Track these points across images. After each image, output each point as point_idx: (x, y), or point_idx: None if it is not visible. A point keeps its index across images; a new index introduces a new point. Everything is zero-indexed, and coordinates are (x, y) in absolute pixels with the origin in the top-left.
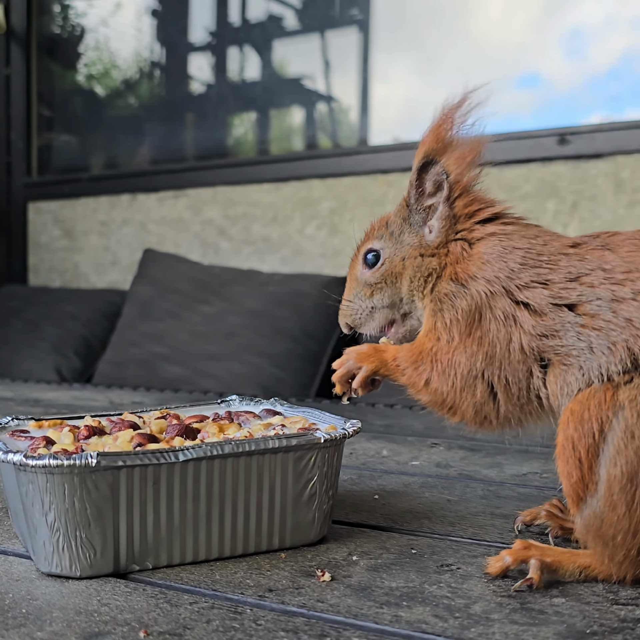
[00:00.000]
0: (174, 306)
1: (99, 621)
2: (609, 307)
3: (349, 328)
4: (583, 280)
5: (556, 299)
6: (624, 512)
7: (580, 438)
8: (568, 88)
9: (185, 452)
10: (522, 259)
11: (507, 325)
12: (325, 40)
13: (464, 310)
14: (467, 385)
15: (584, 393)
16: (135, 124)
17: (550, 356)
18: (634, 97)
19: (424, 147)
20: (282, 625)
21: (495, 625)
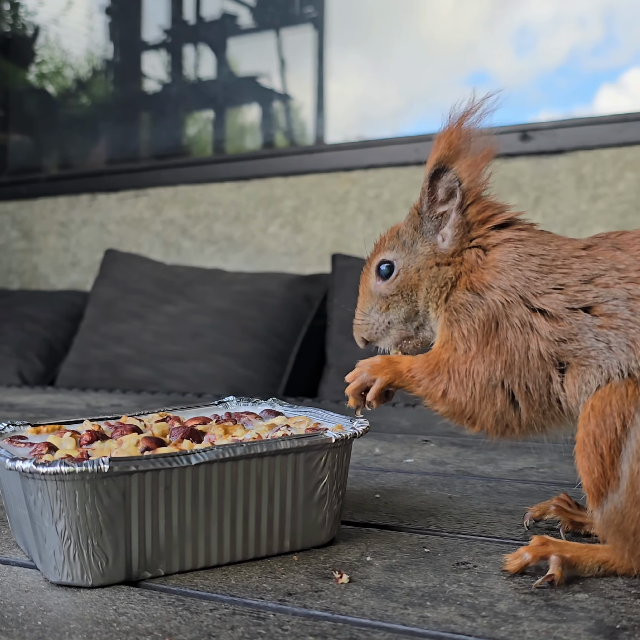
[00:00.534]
0: (137, 307)
1: (120, 631)
2: (626, 306)
3: (365, 342)
4: (597, 282)
5: (572, 302)
6: None
7: (602, 434)
8: (517, 85)
9: (197, 456)
10: (538, 266)
11: (524, 333)
12: (280, 38)
13: (481, 320)
14: (486, 395)
15: (604, 389)
16: (90, 123)
17: (569, 360)
18: (583, 94)
19: (435, 155)
20: (309, 630)
21: (524, 623)
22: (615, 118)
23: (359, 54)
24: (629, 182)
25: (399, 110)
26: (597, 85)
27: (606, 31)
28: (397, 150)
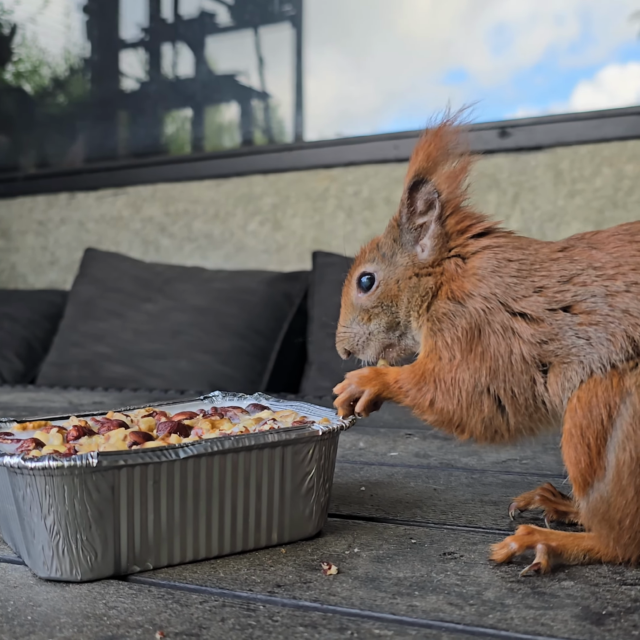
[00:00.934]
0: (116, 305)
1: (111, 625)
2: (605, 302)
3: (347, 354)
4: (575, 281)
5: (552, 303)
6: (632, 496)
7: (589, 424)
8: (495, 83)
9: (186, 449)
10: (517, 271)
11: (506, 338)
12: (258, 36)
13: (463, 328)
14: (473, 402)
15: (590, 381)
16: (68, 121)
17: (551, 360)
18: (560, 91)
19: (414, 167)
20: (299, 621)
21: (511, 611)
22: (593, 114)
23: (338, 51)
24: (606, 177)
25: (378, 108)
26: (574, 83)
27: (583, 28)
28: (376, 147)
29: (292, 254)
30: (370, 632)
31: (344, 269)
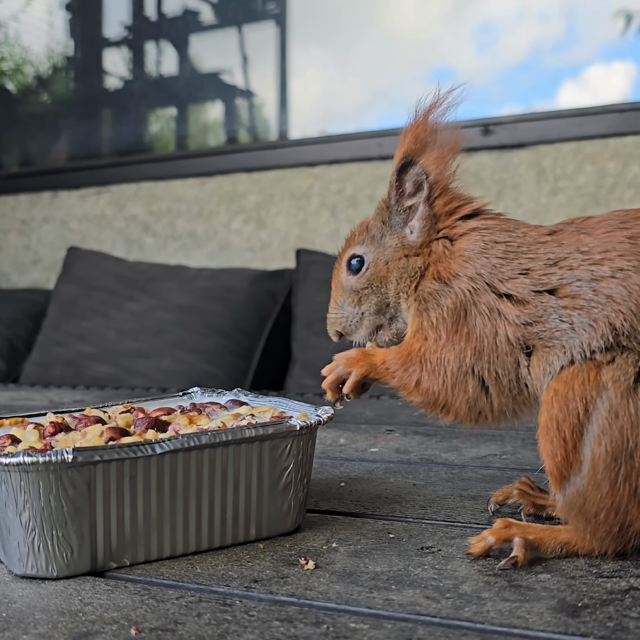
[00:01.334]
0: (100, 304)
1: (86, 621)
2: (589, 287)
3: (339, 336)
4: (562, 264)
5: (537, 285)
6: (607, 490)
7: (565, 418)
8: (480, 81)
9: (162, 445)
10: (504, 253)
11: (492, 319)
12: (242, 34)
13: (449, 308)
14: (458, 382)
15: (567, 372)
16: (51, 120)
17: (534, 342)
18: (545, 89)
19: (402, 148)
20: (275, 615)
21: (487, 604)
22: (575, 112)
23: (323, 49)
24: (589, 175)
25: (363, 106)
26: (560, 81)
27: (568, 27)
28: (360, 145)
29: (276, 252)
30: (346, 626)
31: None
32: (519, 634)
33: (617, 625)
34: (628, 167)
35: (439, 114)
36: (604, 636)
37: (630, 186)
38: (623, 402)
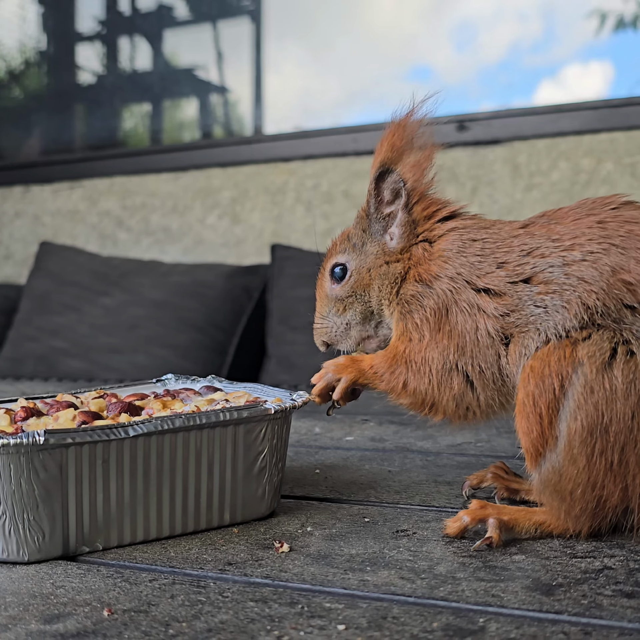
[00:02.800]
0: (73, 299)
1: (57, 603)
2: (562, 271)
3: (326, 346)
4: (535, 254)
5: (512, 276)
6: (583, 465)
7: (541, 394)
8: (458, 80)
9: (135, 427)
10: (481, 250)
11: (472, 314)
12: (217, 30)
13: (432, 309)
14: (443, 380)
15: (543, 350)
16: (23, 115)
17: (512, 331)
18: (523, 88)
19: (379, 157)
20: (250, 596)
21: (462, 584)
22: (550, 109)
23: (299, 46)
24: (563, 171)
25: (340, 103)
26: (537, 80)
27: (546, 26)
28: (335, 140)
29: (251, 248)
30: (321, 606)
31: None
32: (494, 611)
33: (591, 602)
34: (602, 163)
35: (415, 122)
36: (578, 613)
37: (604, 183)
38: (598, 377)
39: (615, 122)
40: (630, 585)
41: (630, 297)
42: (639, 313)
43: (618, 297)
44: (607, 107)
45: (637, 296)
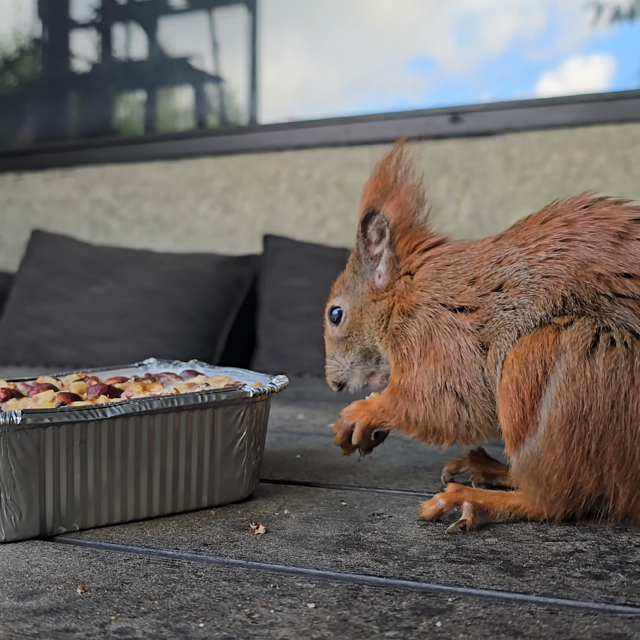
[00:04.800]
0: (63, 287)
1: (32, 581)
2: (528, 273)
3: (337, 386)
4: (503, 262)
5: (483, 289)
6: (561, 452)
7: (524, 380)
8: (460, 71)
9: (113, 409)
10: (453, 272)
11: (453, 334)
12: (212, 19)
13: (415, 337)
14: (436, 403)
15: (527, 337)
16: (17, 102)
17: (488, 340)
18: (525, 81)
19: (364, 200)
20: (223, 576)
21: (434, 565)
22: (543, 101)
23: (296, 35)
24: (555, 164)
25: (338, 93)
26: (539, 73)
27: (548, 19)
28: (328, 130)
29: (243, 238)
30: (293, 585)
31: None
32: (463, 592)
33: (559, 583)
34: (594, 157)
35: (396, 163)
36: (546, 593)
37: (596, 176)
38: (580, 365)
39: (608, 115)
40: (599, 567)
41: (604, 287)
42: (617, 301)
43: (590, 287)
44: (600, 100)
45: (611, 286)
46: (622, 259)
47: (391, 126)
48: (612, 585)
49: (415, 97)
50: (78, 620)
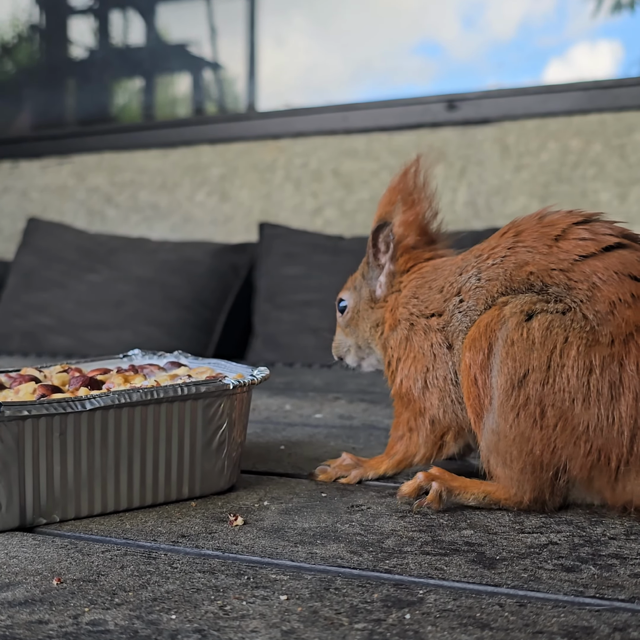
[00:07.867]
0: (59, 275)
1: (9, 572)
2: (477, 278)
3: (338, 358)
4: (463, 272)
5: (446, 295)
6: (512, 419)
7: (473, 357)
8: (467, 56)
9: (92, 401)
10: (429, 288)
11: (427, 334)
12: (211, 5)
13: (395, 345)
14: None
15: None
16: (14, 89)
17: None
18: (532, 67)
19: (379, 211)
20: (198, 567)
21: (408, 557)
22: (539, 89)
23: (297, 21)
24: (552, 152)
25: (341, 78)
26: (546, 59)
27: (557, 5)
28: (324, 118)
29: (239, 226)
30: (267, 577)
31: (291, 241)
32: (435, 584)
33: (530, 576)
34: (591, 145)
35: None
36: (516, 586)
37: (592, 164)
38: (517, 328)
39: (606, 103)
40: (571, 560)
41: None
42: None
43: (521, 283)
44: (596, 88)
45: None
46: (554, 257)
47: (388, 114)
48: (583, 577)
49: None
50: (52, 612)
